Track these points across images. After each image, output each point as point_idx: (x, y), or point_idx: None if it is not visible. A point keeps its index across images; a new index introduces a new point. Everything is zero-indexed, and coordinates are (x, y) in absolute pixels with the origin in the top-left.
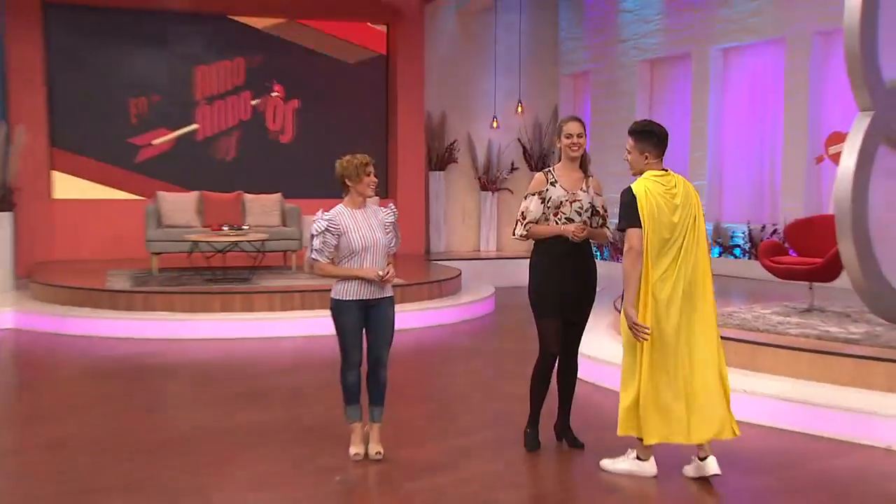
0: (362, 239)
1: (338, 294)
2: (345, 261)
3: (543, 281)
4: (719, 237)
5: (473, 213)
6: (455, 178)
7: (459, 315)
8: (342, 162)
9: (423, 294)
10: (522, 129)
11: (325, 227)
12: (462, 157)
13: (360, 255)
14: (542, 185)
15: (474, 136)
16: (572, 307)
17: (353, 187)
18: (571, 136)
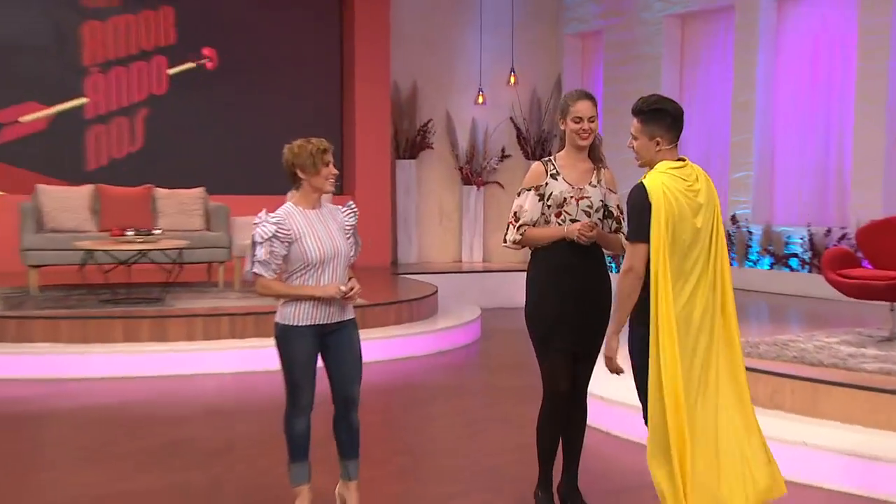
0: (320, 247)
1: (286, 318)
2: (296, 276)
3: (543, 300)
4: (770, 244)
5: (453, 214)
6: (430, 169)
7: (436, 344)
8: (293, 148)
9: (388, 318)
10: (516, 106)
11: (272, 233)
12: (439, 141)
13: (316, 268)
14: (540, 178)
15: (454, 114)
16: (580, 334)
17: (308, 181)
18: (581, 119)
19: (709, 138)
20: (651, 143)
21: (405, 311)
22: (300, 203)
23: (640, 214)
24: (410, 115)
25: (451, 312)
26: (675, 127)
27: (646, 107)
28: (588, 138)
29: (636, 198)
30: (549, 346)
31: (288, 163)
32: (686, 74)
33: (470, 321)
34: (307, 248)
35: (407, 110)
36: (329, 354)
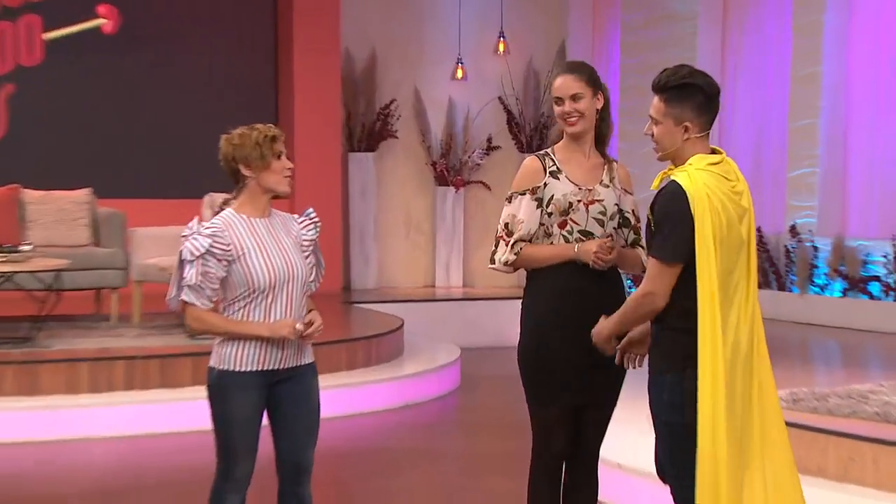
0: (270, 268)
1: (226, 361)
2: (238, 306)
3: (542, 335)
4: (842, 264)
5: (424, 224)
6: (393, 165)
7: (402, 395)
8: (232, 138)
9: (339, 361)
10: (506, 82)
11: (206, 248)
12: (405, 128)
13: (265, 295)
14: (536, 177)
15: (425, 92)
16: (589, 381)
17: (256, 178)
18: (561, 100)
19: (760, 124)
20: (677, 129)
21: (361, 352)
22: (244, 209)
23: (677, 227)
24: (367, 95)
25: (422, 354)
26: (709, 108)
27: (672, 81)
28: (575, 123)
29: (671, 204)
30: (546, 395)
31: (227, 157)
32: (730, 40)
33: (446, 365)
34: (253, 269)
35: (363, 88)
36: (278, 409)
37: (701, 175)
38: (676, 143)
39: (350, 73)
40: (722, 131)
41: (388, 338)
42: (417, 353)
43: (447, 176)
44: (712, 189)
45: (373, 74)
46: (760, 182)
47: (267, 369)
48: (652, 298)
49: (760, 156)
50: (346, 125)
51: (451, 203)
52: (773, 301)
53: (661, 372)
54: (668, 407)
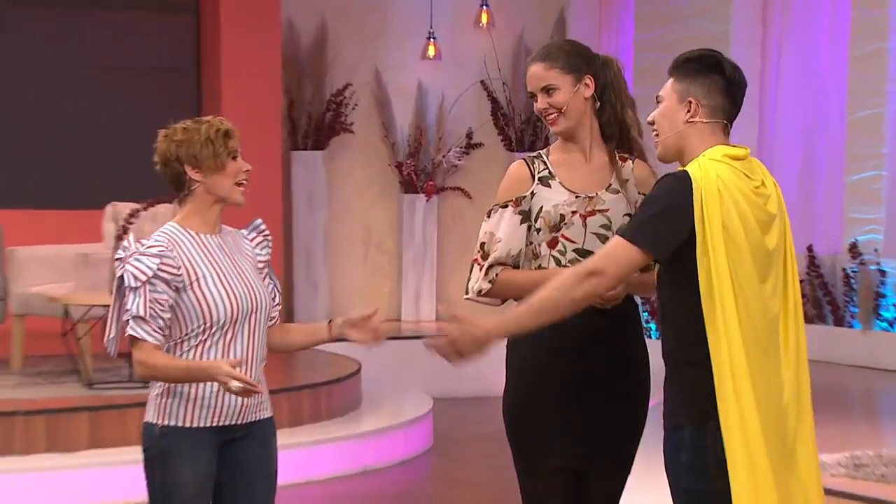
0: (231, 297)
1: (171, 415)
2: (188, 345)
3: (532, 387)
4: None
5: (388, 241)
6: (349, 167)
7: (359, 458)
8: (175, 133)
9: (280, 415)
10: (490, 62)
11: (154, 271)
12: (363, 120)
13: (226, 332)
14: (521, 185)
15: (389, 75)
16: (593, 446)
17: (205, 183)
18: (533, 95)
19: (810, 117)
20: (680, 108)
21: (308, 403)
22: (190, 223)
23: (666, 212)
24: (316, 78)
25: (384, 405)
26: (726, 95)
27: (691, 56)
28: (556, 122)
29: (668, 186)
30: (537, 460)
31: (167, 157)
32: (772, 10)
33: (414, 420)
34: (210, 299)
35: (310, 69)
36: (230, 475)
37: (714, 165)
38: (677, 126)
39: (293, 51)
40: (763, 125)
41: (341, 386)
42: (379, 404)
43: (416, 181)
44: (727, 183)
45: (322, 52)
46: (811, 190)
47: (222, 424)
48: (597, 281)
49: (811, 157)
50: (287, 117)
51: (421, 215)
52: (827, 339)
53: (676, 426)
54: (687, 470)
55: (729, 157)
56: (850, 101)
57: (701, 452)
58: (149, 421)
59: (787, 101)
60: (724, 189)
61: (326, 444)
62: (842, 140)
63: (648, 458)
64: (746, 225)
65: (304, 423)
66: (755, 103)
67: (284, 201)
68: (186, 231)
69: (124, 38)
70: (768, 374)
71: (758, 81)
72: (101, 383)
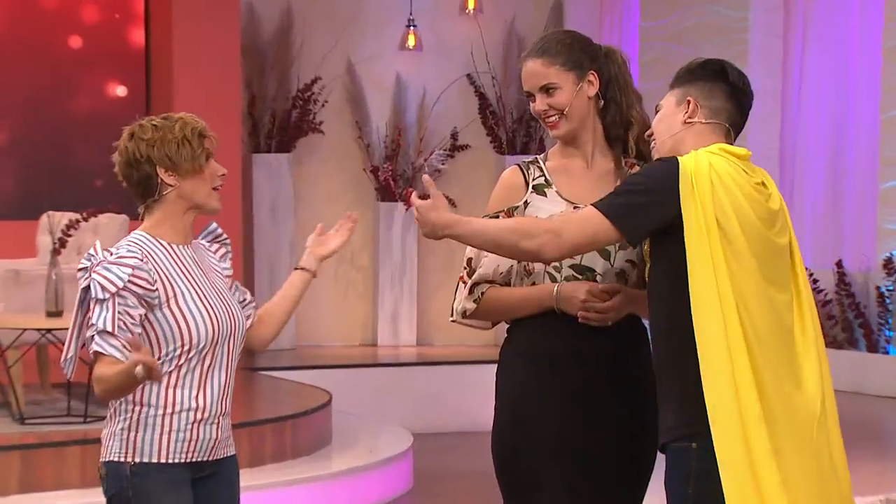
0: (212, 317)
1: (141, 450)
2: (164, 369)
3: (522, 424)
4: None
5: (362, 255)
6: (317, 170)
7: (329, 500)
8: (143, 131)
9: (241, 453)
10: (478, 53)
11: (125, 281)
12: (334, 119)
13: (205, 356)
14: (512, 194)
15: (364, 68)
16: (593, 491)
17: (180, 187)
18: (530, 95)
19: (837, 116)
20: (678, 110)
21: (271, 440)
22: (161, 232)
23: (646, 194)
24: (280, 71)
25: (358, 442)
26: (729, 99)
27: (700, 63)
28: (557, 125)
29: (651, 169)
30: (532, 494)
31: (135, 159)
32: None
33: (392, 458)
34: (190, 319)
35: (274, 61)
36: None
37: (708, 156)
38: (674, 128)
39: (254, 41)
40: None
41: (309, 419)
42: (352, 440)
43: (394, 187)
44: (721, 174)
45: (287, 42)
46: (840, 198)
47: (195, 460)
48: (550, 239)
49: (840, 160)
50: (248, 114)
51: (399, 226)
52: (859, 366)
53: (681, 436)
54: (695, 485)
55: (727, 151)
56: (884, 97)
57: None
58: (114, 460)
59: (811, 97)
60: (718, 180)
61: (292, 487)
62: (874, 141)
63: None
64: (744, 220)
65: (267, 462)
66: (776, 98)
67: (245, 210)
68: (158, 241)
69: (58, 24)
70: (783, 384)
71: (779, 74)
72: (34, 418)
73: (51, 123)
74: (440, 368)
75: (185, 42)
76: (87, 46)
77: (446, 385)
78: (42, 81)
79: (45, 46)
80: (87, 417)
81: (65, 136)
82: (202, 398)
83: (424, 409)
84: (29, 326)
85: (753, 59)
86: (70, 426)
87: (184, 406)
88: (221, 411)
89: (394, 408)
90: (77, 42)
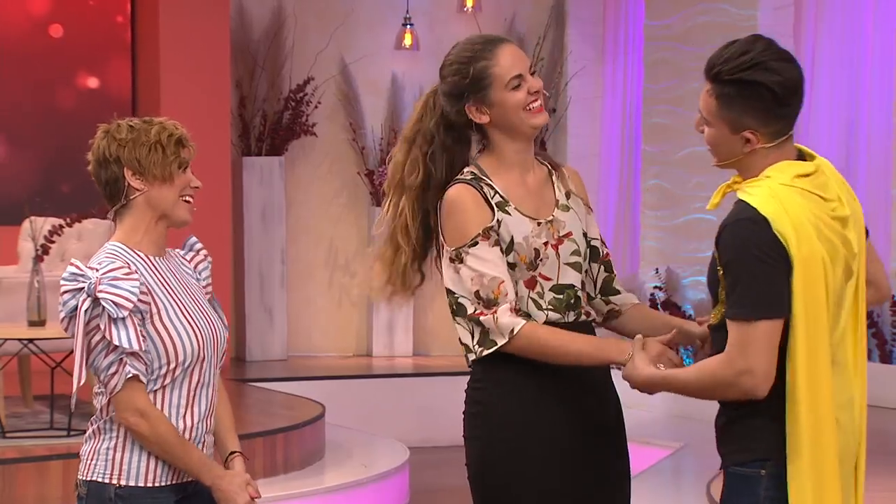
0: (197, 332)
1: (127, 472)
2: (149, 388)
3: (513, 458)
4: None
5: (356, 263)
6: (311, 174)
7: None
8: (119, 130)
9: None
10: None
11: (139, 296)
12: (327, 121)
13: (191, 374)
14: (484, 212)
15: (358, 69)
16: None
17: (146, 193)
18: (522, 79)
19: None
20: (735, 138)
21: (263, 454)
22: (135, 242)
23: (768, 272)
24: (272, 71)
25: (353, 456)
26: (782, 113)
27: (729, 70)
28: (542, 110)
29: (746, 233)
30: None
31: (105, 158)
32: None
33: (388, 473)
34: (175, 335)
35: (265, 62)
36: None
37: (791, 195)
38: (736, 154)
39: (245, 40)
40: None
41: (302, 433)
42: (346, 455)
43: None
44: (804, 212)
45: (279, 41)
46: None
47: (180, 482)
48: (749, 380)
49: (851, 163)
50: (238, 118)
51: None
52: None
53: (748, 460)
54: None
55: (798, 175)
56: None
57: (780, 497)
58: (96, 480)
59: (823, 98)
60: (805, 222)
61: (284, 503)
62: (888, 143)
63: None
64: (834, 256)
65: (257, 477)
66: None
67: (235, 216)
68: (136, 253)
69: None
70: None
71: None
72: (15, 431)
73: (34, 124)
74: (437, 379)
75: (174, 42)
76: (71, 45)
77: (443, 397)
78: (26, 81)
79: (27, 45)
80: (70, 431)
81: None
82: (189, 418)
83: (421, 421)
84: (10, 336)
85: None
86: (52, 440)
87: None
88: (206, 429)
89: (389, 420)
90: (62, 41)
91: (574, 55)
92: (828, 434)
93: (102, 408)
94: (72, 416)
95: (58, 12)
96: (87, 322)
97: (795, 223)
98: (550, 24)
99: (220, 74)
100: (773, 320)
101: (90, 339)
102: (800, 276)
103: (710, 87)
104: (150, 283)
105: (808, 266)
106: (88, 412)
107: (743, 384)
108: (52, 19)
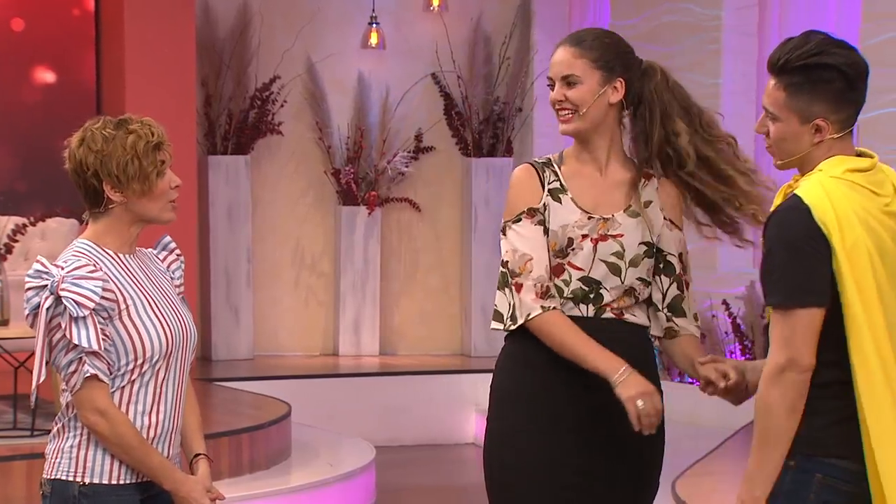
0: (166, 327)
1: (97, 471)
2: (115, 384)
3: (511, 434)
4: None
5: (323, 262)
6: (277, 173)
7: None
8: (93, 140)
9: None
10: (443, 52)
11: (101, 295)
12: (293, 120)
13: (158, 370)
14: (534, 193)
15: (325, 67)
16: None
17: (126, 203)
18: (552, 82)
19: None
20: (804, 129)
21: (228, 453)
22: (106, 241)
23: (806, 260)
24: (237, 70)
25: (319, 455)
26: (851, 98)
27: (797, 58)
28: (568, 120)
29: (787, 220)
30: None
31: (82, 168)
32: None
33: (354, 472)
34: (143, 331)
35: (231, 61)
36: None
37: (838, 186)
38: (803, 149)
39: (211, 39)
40: None
41: (267, 432)
42: (312, 454)
43: (356, 190)
44: (855, 205)
45: (245, 39)
46: None
47: (145, 480)
48: (792, 372)
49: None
50: (204, 115)
51: (362, 231)
52: None
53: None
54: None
55: (850, 170)
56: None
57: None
58: (60, 478)
59: None
60: (856, 214)
61: (250, 502)
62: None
63: None
64: (882, 249)
65: (223, 477)
66: (751, 98)
67: (200, 215)
68: (104, 250)
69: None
70: None
71: (754, 73)
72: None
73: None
74: (404, 378)
75: (138, 40)
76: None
77: (410, 396)
78: None
79: None
80: (34, 431)
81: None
82: (155, 415)
83: (387, 420)
84: None
85: (727, 58)
86: (16, 440)
87: (136, 424)
88: (173, 428)
89: (355, 420)
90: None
91: (540, 55)
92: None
93: (67, 405)
94: (35, 416)
95: (18, 5)
96: (48, 320)
97: (840, 213)
98: (517, 23)
99: (186, 73)
100: (811, 308)
101: (52, 336)
102: (845, 264)
103: (776, 80)
104: (118, 279)
105: (852, 255)
106: (53, 412)
107: (787, 378)
108: (13, 13)
